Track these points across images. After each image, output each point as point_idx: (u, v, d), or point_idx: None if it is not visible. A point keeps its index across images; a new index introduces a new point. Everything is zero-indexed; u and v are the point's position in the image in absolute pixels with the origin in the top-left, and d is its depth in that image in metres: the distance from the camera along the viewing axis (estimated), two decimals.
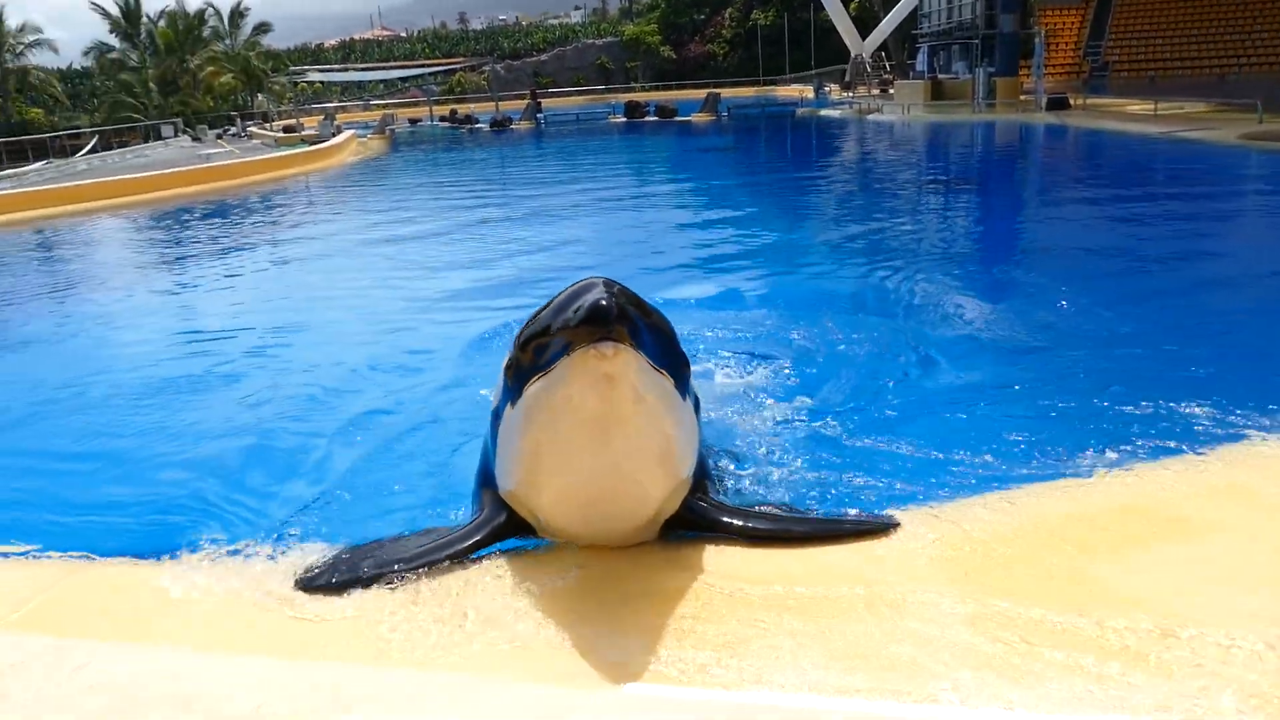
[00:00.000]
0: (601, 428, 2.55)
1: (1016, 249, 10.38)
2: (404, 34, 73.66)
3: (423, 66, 61.98)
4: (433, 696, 1.62)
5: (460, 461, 4.18)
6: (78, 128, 43.00)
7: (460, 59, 63.44)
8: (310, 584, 2.79)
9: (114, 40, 56.63)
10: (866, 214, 13.23)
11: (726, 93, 40.11)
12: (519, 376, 2.70)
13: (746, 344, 6.23)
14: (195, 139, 37.61)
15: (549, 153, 29.07)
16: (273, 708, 1.75)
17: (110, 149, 34.69)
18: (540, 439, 2.68)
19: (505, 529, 2.98)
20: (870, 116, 30.46)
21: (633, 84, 58.30)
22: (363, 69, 63.19)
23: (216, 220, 16.70)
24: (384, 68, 63.20)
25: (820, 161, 22.15)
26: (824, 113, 34.90)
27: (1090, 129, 21.31)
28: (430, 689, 1.63)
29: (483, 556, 2.84)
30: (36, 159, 29.57)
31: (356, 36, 73.20)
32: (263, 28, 58.90)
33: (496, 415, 2.95)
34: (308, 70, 60.28)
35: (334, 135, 30.98)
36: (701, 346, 6.10)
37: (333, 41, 72.23)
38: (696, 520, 2.97)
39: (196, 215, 17.30)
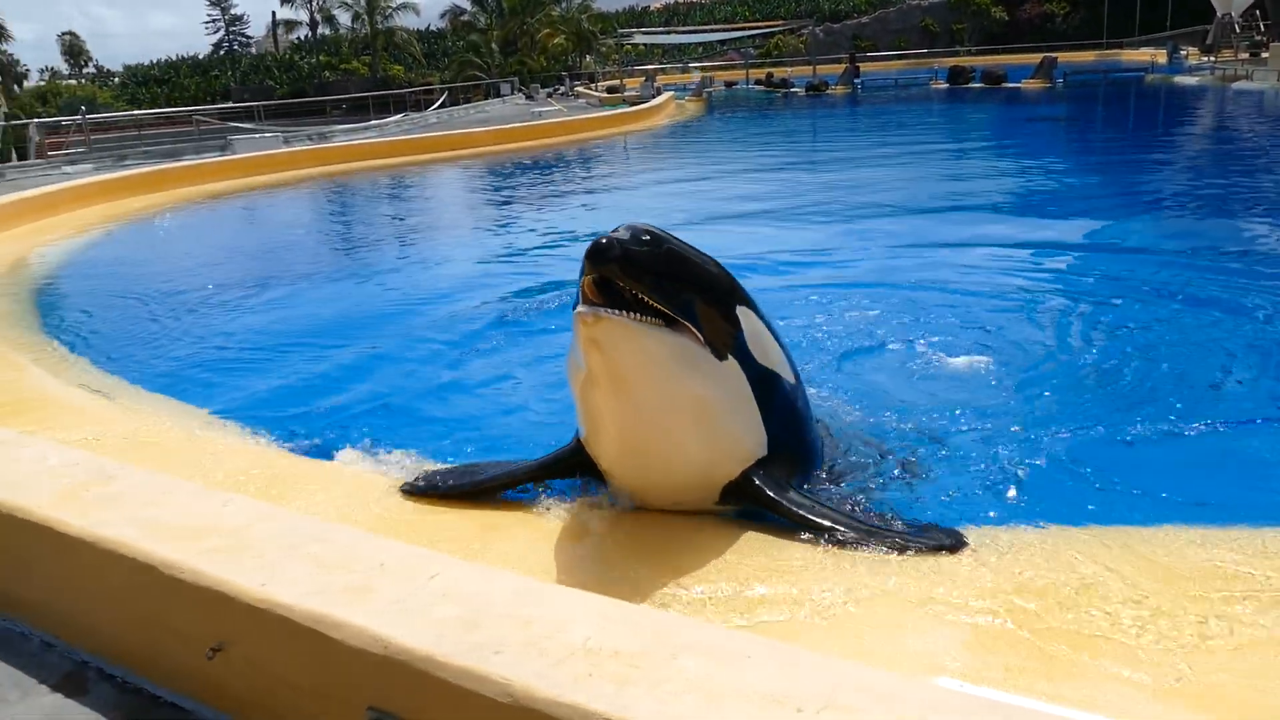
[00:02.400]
0: (607, 386, 2.64)
1: None
2: None
3: (742, 29, 62.30)
4: (755, 654, 1.68)
5: None
6: (430, 84, 47.37)
7: (779, 22, 63.07)
8: (412, 490, 3.32)
9: (466, 3, 61.89)
10: (1208, 201, 11.51)
11: (1063, 57, 36.95)
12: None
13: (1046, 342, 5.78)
14: (529, 97, 40.28)
15: (862, 118, 28.33)
16: (599, 642, 1.87)
17: (457, 104, 37.94)
18: (573, 386, 2.80)
19: (571, 465, 3.15)
20: (1235, 85, 26.92)
21: (958, 48, 55.25)
22: (685, 31, 64.53)
23: (546, 173, 17.89)
24: (705, 30, 64.19)
25: (1164, 136, 19.91)
26: (1177, 80, 31.30)
27: None
28: (754, 648, 1.69)
29: None
30: (395, 111, 32.96)
31: None
32: None
33: None
34: (634, 33, 62.48)
35: (654, 96, 31.93)
36: (966, 332, 5.83)
37: (658, 4, 74.31)
38: (756, 496, 2.89)
39: (528, 168, 18.61)
